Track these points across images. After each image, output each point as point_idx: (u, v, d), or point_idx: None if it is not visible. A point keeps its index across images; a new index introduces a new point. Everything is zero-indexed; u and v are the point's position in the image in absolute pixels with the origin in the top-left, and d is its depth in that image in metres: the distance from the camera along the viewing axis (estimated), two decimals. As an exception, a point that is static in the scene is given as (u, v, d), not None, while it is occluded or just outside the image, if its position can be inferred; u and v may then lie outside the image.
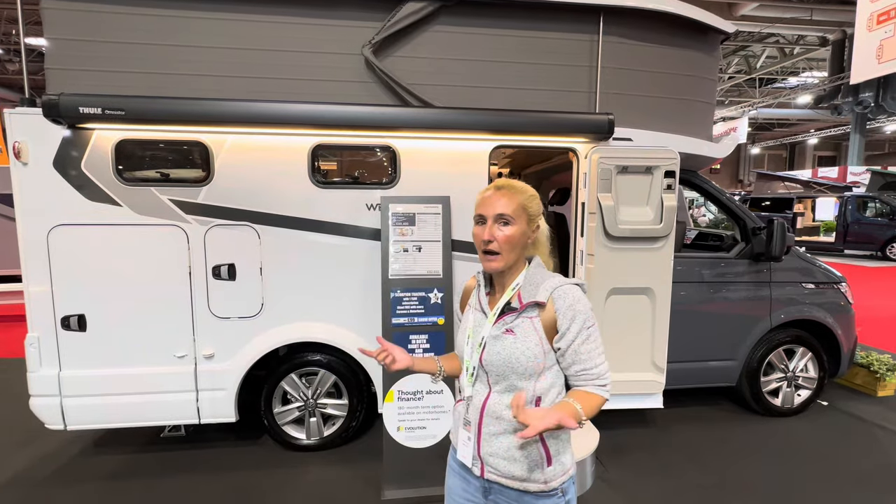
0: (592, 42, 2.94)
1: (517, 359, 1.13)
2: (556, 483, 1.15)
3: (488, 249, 1.15)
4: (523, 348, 1.13)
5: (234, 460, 2.95)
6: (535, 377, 1.14)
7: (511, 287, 1.18)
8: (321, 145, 2.74)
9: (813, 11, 13.15)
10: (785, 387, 3.57)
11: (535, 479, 1.14)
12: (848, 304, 3.60)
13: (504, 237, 1.14)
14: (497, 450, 1.15)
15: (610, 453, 3.03)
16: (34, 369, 2.59)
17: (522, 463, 1.14)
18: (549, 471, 1.14)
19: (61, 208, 2.53)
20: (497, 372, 1.16)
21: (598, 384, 1.13)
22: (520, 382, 1.14)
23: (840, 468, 2.91)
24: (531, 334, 1.13)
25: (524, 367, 1.13)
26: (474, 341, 1.21)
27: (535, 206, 1.18)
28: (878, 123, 20.60)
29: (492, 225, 1.14)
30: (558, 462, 1.16)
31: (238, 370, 2.77)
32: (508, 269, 1.19)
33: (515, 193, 1.16)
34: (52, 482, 2.73)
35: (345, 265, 2.82)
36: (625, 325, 2.91)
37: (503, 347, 1.14)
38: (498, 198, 1.15)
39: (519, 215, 1.14)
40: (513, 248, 1.15)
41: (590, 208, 2.85)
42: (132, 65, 2.62)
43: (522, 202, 1.15)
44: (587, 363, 1.13)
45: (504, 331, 1.16)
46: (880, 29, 8.35)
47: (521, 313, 1.15)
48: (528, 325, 1.14)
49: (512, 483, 1.15)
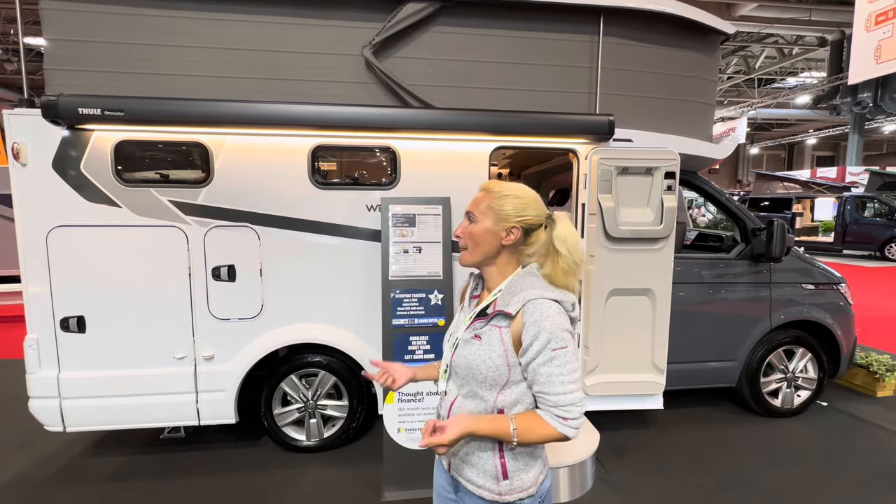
0: (592, 43, 2.94)
1: (478, 367, 1.10)
2: (511, 498, 1.11)
3: (460, 244, 1.19)
4: (485, 356, 1.10)
5: (234, 462, 2.95)
6: (497, 388, 1.11)
7: (494, 291, 1.16)
8: (321, 146, 2.74)
9: (812, 12, 13.17)
10: (785, 387, 3.57)
11: (489, 487, 1.12)
12: (847, 305, 3.60)
13: (466, 233, 1.17)
14: (457, 450, 1.16)
15: (610, 454, 3.03)
16: (33, 371, 2.58)
17: (478, 470, 1.13)
18: (505, 485, 1.11)
19: (60, 209, 2.53)
20: (461, 375, 1.15)
21: (555, 413, 1.05)
22: (481, 391, 1.12)
23: (840, 469, 2.91)
24: (496, 345, 1.09)
25: (484, 377, 1.10)
26: (451, 341, 1.22)
27: (507, 207, 1.13)
28: (876, 124, 20.65)
29: (464, 221, 1.19)
30: (516, 478, 1.12)
31: (238, 371, 2.76)
32: (492, 271, 1.18)
33: (488, 193, 1.17)
34: (51, 484, 2.72)
35: (345, 266, 2.81)
36: (625, 325, 2.90)
37: (469, 353, 1.13)
38: (476, 196, 1.20)
39: (484, 213, 1.15)
40: (476, 244, 1.15)
41: (590, 209, 2.85)
42: (131, 65, 2.61)
43: (490, 201, 1.15)
44: (545, 387, 1.05)
45: (473, 335, 1.14)
46: (878, 29, 8.37)
47: (490, 321, 1.12)
48: (496, 335, 1.10)
49: (468, 486, 1.15)
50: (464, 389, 1.16)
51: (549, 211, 1.19)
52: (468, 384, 1.14)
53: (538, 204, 1.17)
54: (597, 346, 2.89)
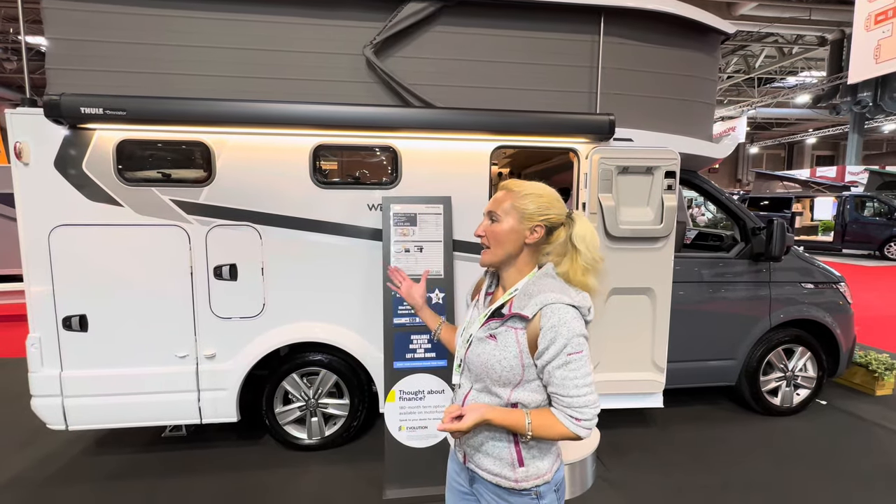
0: (593, 42, 2.94)
1: (492, 366, 1.13)
2: (527, 484, 1.15)
3: (482, 243, 1.20)
4: (500, 357, 1.12)
5: (236, 460, 2.96)
6: (511, 386, 1.13)
7: (510, 291, 1.18)
8: (322, 146, 2.74)
9: (812, 11, 13.18)
10: (784, 386, 3.58)
11: (505, 475, 1.15)
12: (847, 304, 3.61)
13: (490, 231, 1.18)
14: (474, 442, 1.19)
15: (611, 452, 3.04)
16: (36, 369, 2.59)
17: (494, 459, 1.16)
18: (521, 471, 1.15)
19: (62, 209, 2.53)
20: (475, 373, 1.18)
21: (569, 413, 1.08)
22: (495, 388, 1.15)
23: (839, 467, 2.93)
24: (511, 345, 1.11)
25: (499, 375, 1.13)
26: (464, 336, 1.24)
27: (531, 206, 1.15)
28: (876, 123, 20.66)
29: (485, 220, 1.21)
30: (532, 465, 1.15)
31: (239, 370, 2.77)
32: (512, 270, 1.19)
33: (509, 192, 1.19)
34: (54, 482, 2.73)
35: (346, 265, 2.82)
36: (625, 324, 2.92)
37: (483, 351, 1.15)
38: (497, 196, 1.21)
39: (507, 212, 1.16)
40: (500, 243, 1.17)
41: (590, 208, 2.86)
42: (133, 65, 2.61)
43: (513, 200, 1.17)
44: (560, 389, 1.08)
45: (488, 335, 1.16)
46: (878, 29, 8.37)
47: (506, 322, 1.14)
48: (511, 336, 1.12)
49: (486, 475, 1.18)
50: (478, 385, 1.19)
51: (569, 210, 1.22)
52: (482, 381, 1.17)
53: (560, 202, 1.19)
54: (597, 344, 2.90)
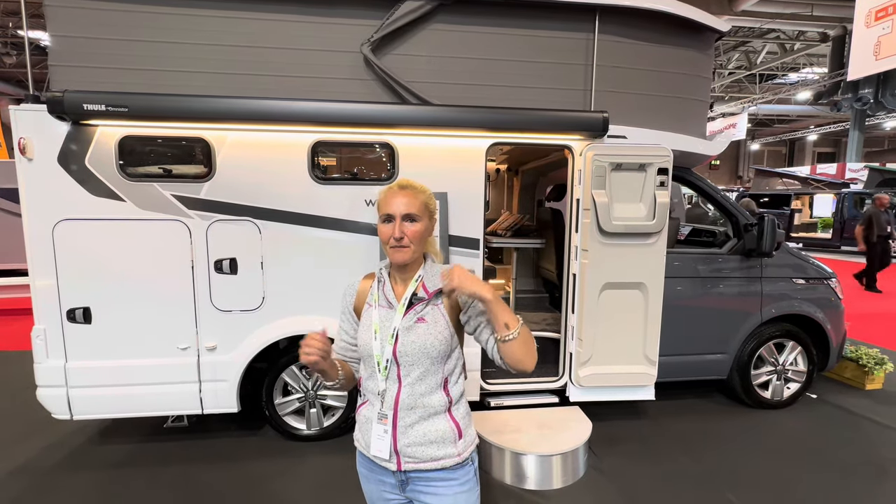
0: (588, 40, 2.98)
1: (431, 344, 1.21)
2: (467, 454, 1.27)
3: (400, 245, 1.23)
4: (436, 333, 1.22)
5: (236, 450, 3.02)
6: (445, 359, 1.25)
7: (414, 279, 1.28)
8: (321, 142, 2.79)
9: (813, 7, 13.12)
10: (775, 380, 3.64)
11: (449, 453, 1.24)
12: (837, 300, 3.66)
13: (412, 232, 1.24)
14: (413, 439, 1.23)
15: (603, 443, 3.10)
16: (41, 360, 2.65)
17: (438, 443, 1.24)
18: (461, 443, 1.26)
19: (66, 203, 2.58)
20: (411, 361, 1.22)
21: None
22: (433, 366, 1.24)
23: (828, 459, 2.99)
24: (440, 320, 1.24)
25: (437, 352, 1.22)
26: (384, 335, 1.24)
27: (433, 203, 1.31)
28: (877, 120, 20.61)
29: (400, 223, 1.22)
30: (467, 433, 1.29)
31: (240, 362, 2.83)
32: (415, 263, 1.29)
33: (418, 193, 1.26)
34: (58, 471, 2.80)
35: (344, 260, 2.87)
36: (618, 318, 2.97)
37: (417, 336, 1.22)
38: (402, 197, 1.23)
39: (423, 212, 1.25)
40: (420, 241, 1.26)
41: (584, 205, 2.90)
42: (135, 62, 2.66)
43: (424, 200, 1.26)
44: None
45: (416, 320, 1.24)
46: (878, 25, 8.36)
47: (430, 301, 1.25)
48: (437, 312, 1.25)
49: (430, 465, 1.23)
50: (414, 374, 1.23)
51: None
52: (420, 366, 1.23)
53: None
54: (590, 338, 2.95)
